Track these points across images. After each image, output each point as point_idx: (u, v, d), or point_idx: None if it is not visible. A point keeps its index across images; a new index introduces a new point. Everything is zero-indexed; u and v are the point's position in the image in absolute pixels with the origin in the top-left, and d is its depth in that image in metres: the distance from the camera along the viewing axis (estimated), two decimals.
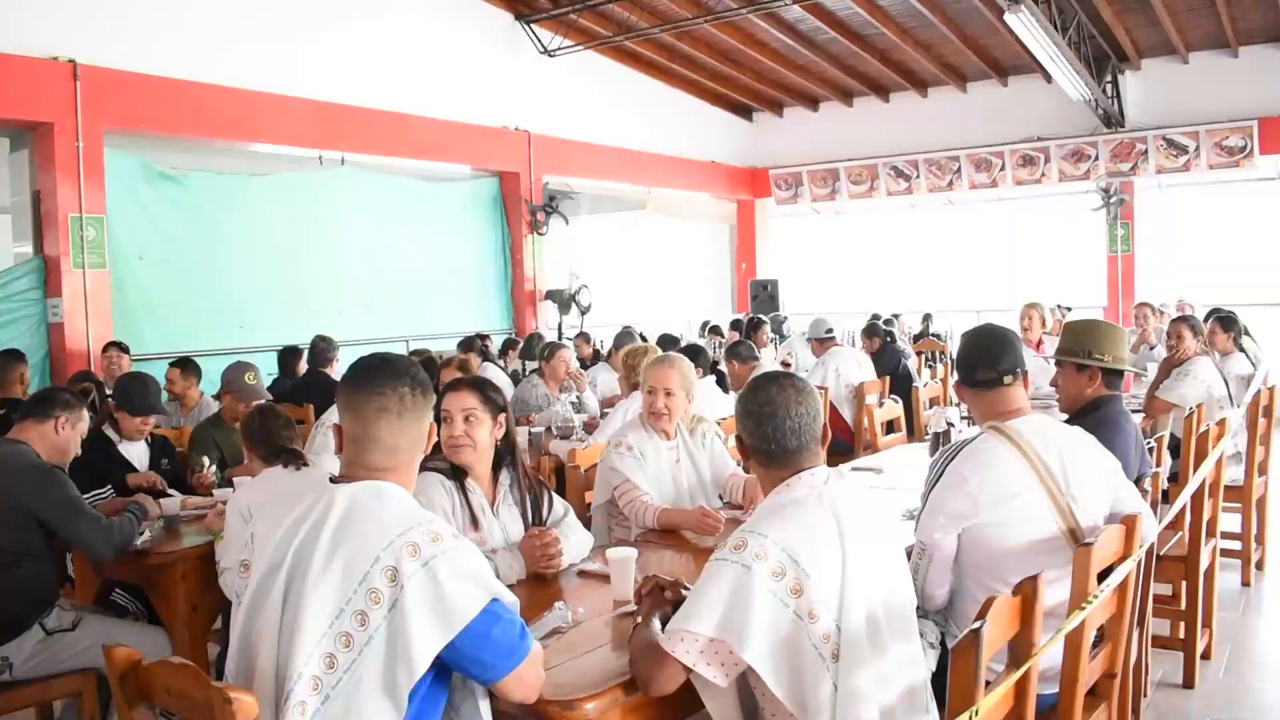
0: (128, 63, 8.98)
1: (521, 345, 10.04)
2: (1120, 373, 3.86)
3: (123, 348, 7.92)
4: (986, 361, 3.06)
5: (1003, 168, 15.36)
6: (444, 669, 2.03)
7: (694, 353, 6.43)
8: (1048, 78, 13.23)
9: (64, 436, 3.78)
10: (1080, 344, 3.80)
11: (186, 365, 6.69)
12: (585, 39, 13.24)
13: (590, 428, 6.17)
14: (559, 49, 13.13)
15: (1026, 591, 2.34)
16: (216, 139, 10.08)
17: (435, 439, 2.33)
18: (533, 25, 13.00)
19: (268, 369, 8.00)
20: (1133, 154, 14.39)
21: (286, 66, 10.27)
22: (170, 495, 4.35)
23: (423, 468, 3.11)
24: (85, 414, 3.92)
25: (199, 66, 9.48)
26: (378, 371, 2.20)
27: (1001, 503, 2.80)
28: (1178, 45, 13.21)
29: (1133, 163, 14.41)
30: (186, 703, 1.92)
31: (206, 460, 4.88)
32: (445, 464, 3.20)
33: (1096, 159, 14.62)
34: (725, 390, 6.88)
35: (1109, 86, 13.89)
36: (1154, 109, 14.22)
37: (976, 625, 2.11)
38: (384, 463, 2.15)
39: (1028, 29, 10.18)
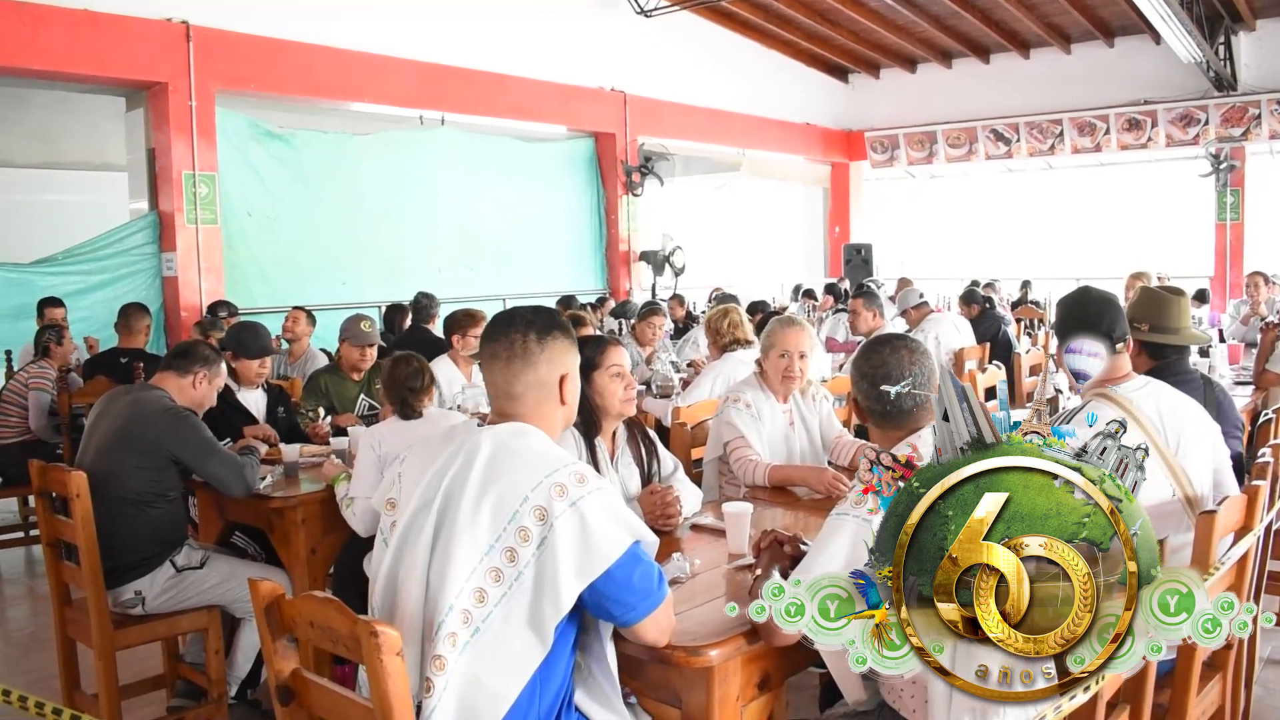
0: (238, 24, 9.20)
1: (615, 306, 10.11)
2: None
3: (232, 310, 8.08)
4: (1098, 328, 3.01)
5: (1107, 131, 14.95)
6: (576, 609, 2.09)
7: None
8: (1156, 38, 12.84)
9: (201, 392, 3.91)
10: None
11: (308, 312, 6.94)
12: None
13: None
14: (655, 9, 13.09)
15: None
16: (322, 99, 10.30)
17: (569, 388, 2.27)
18: None
19: None
20: (1245, 118, 13.90)
21: (390, 28, 10.41)
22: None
23: None
24: (223, 368, 4.05)
25: (306, 28, 9.67)
26: (498, 320, 2.28)
27: None
28: None
29: (1244, 127, 13.93)
30: (330, 635, 1.99)
31: (322, 410, 5.03)
32: (577, 419, 3.22)
33: (1206, 123, 14.16)
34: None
35: (1221, 48, 13.41)
36: (1268, 71, 13.69)
37: None
38: (508, 408, 2.22)
39: None
